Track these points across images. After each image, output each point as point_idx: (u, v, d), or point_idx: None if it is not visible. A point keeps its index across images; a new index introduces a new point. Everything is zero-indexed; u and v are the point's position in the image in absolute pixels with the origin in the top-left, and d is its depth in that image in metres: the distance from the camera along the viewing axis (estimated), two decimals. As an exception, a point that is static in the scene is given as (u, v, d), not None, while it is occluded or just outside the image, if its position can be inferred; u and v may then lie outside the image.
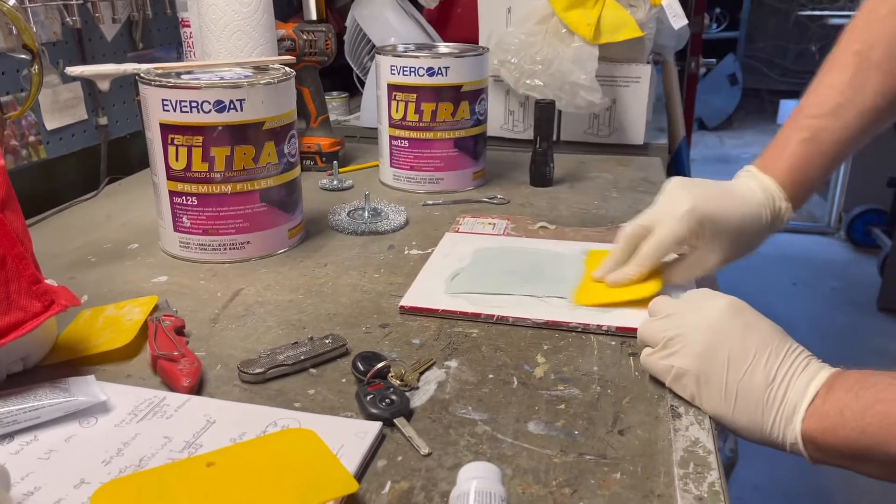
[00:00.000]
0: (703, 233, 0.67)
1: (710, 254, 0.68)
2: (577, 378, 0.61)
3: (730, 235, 0.68)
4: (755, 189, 0.70)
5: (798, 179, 0.70)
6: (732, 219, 0.68)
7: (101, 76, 0.83)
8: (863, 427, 0.47)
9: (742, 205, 0.69)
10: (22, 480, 0.48)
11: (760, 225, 0.69)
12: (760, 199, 0.69)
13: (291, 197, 0.88)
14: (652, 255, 0.69)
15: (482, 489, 0.43)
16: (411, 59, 1.05)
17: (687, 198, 0.67)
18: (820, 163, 0.70)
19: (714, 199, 0.68)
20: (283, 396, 0.58)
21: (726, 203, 0.68)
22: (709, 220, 0.66)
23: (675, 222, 0.67)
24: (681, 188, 0.69)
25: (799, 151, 0.70)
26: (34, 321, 0.56)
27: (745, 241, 0.69)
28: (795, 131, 0.70)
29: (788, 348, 0.53)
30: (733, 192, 0.70)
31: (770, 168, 0.71)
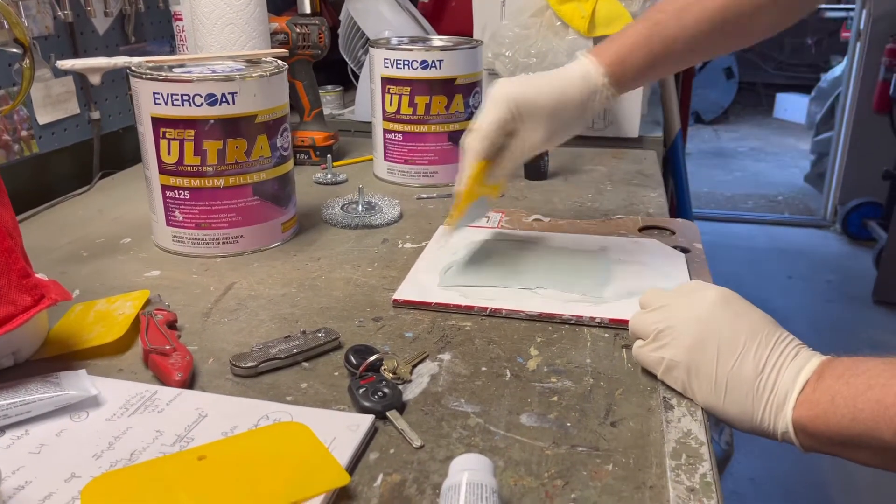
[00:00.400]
0: (519, 114, 0.71)
1: (531, 134, 0.72)
2: (570, 370, 0.61)
3: (545, 114, 0.71)
4: (572, 69, 0.73)
5: (620, 62, 0.73)
6: (544, 97, 0.71)
7: (92, 70, 0.83)
8: (854, 414, 0.47)
9: (555, 85, 0.72)
10: (13, 474, 0.48)
11: (575, 102, 0.72)
12: (574, 78, 0.73)
13: (284, 191, 0.87)
14: (476, 147, 0.72)
15: (474, 481, 0.43)
16: (405, 53, 1.04)
17: (500, 86, 0.72)
18: (646, 52, 0.72)
19: (526, 83, 0.72)
20: (275, 390, 0.58)
21: (540, 85, 0.72)
22: (522, 102, 0.71)
23: (491, 109, 0.71)
24: (499, 81, 0.73)
25: (631, 39, 0.73)
26: (24, 315, 0.56)
27: (562, 118, 0.73)
28: (640, 21, 0.74)
29: (778, 337, 0.53)
30: (549, 76, 0.74)
31: (598, 52, 0.74)
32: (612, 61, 0.73)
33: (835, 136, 3.61)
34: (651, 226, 0.92)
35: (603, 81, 0.73)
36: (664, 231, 0.90)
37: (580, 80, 0.73)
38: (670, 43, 0.72)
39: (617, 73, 0.73)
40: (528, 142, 0.72)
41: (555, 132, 0.73)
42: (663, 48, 0.72)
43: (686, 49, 0.73)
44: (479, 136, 0.72)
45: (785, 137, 5.48)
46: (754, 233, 3.65)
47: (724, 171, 4.71)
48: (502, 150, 0.73)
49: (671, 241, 0.86)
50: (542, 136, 0.72)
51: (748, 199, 4.17)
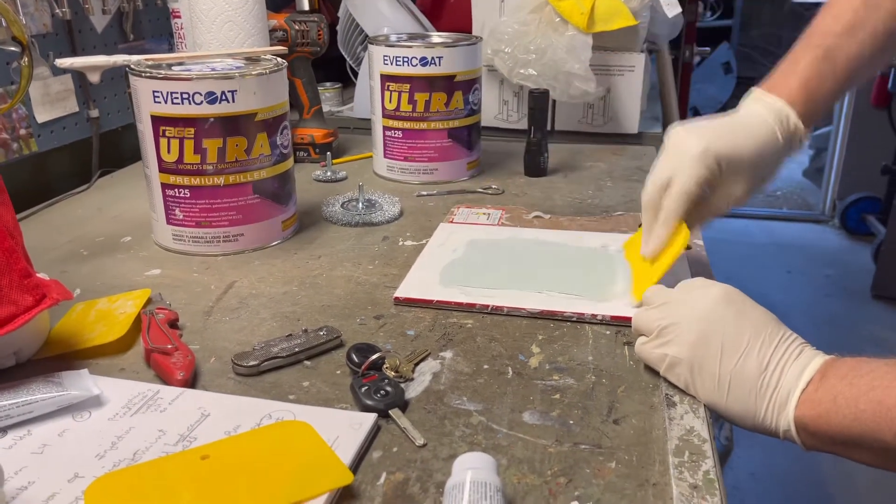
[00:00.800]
0: (721, 170, 0.65)
1: (733, 188, 0.67)
2: (572, 368, 0.61)
3: (748, 166, 0.66)
4: (763, 113, 0.68)
5: (810, 98, 0.67)
6: (747, 149, 0.66)
7: (91, 68, 0.82)
8: (856, 414, 0.47)
9: (754, 133, 0.67)
10: (15, 475, 0.48)
11: (776, 149, 0.67)
12: (771, 124, 0.67)
13: (285, 188, 0.87)
14: (677, 208, 0.66)
15: (477, 479, 0.43)
16: (404, 49, 1.04)
17: (697, 138, 0.65)
18: (833, 81, 0.67)
19: (725, 134, 0.66)
20: (277, 389, 0.58)
21: (738, 135, 0.66)
22: (724, 156, 0.65)
23: (692, 166, 0.64)
24: (687, 132, 0.66)
25: (811, 69, 0.67)
26: (26, 315, 0.56)
27: (763, 168, 0.68)
28: (808, 49, 0.68)
29: (782, 336, 0.53)
30: (742, 123, 0.68)
31: (779, 87, 0.68)
32: (803, 98, 0.67)
33: (833, 130, 3.60)
34: (651, 222, 0.91)
35: (799, 125, 0.67)
36: (665, 227, 0.90)
37: (776, 124, 0.67)
38: (854, 62, 0.67)
39: (809, 109, 0.68)
40: (730, 196, 0.67)
41: (756, 184, 0.68)
42: (846, 71, 0.67)
43: (868, 65, 0.68)
44: (681, 197, 0.65)
45: (783, 132, 5.47)
46: (752, 228, 3.66)
47: (723, 167, 4.70)
48: (695, 206, 0.67)
49: (672, 237, 0.86)
50: (745, 190, 0.67)
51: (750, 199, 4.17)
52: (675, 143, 0.67)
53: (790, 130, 0.68)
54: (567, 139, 1.31)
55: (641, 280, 0.70)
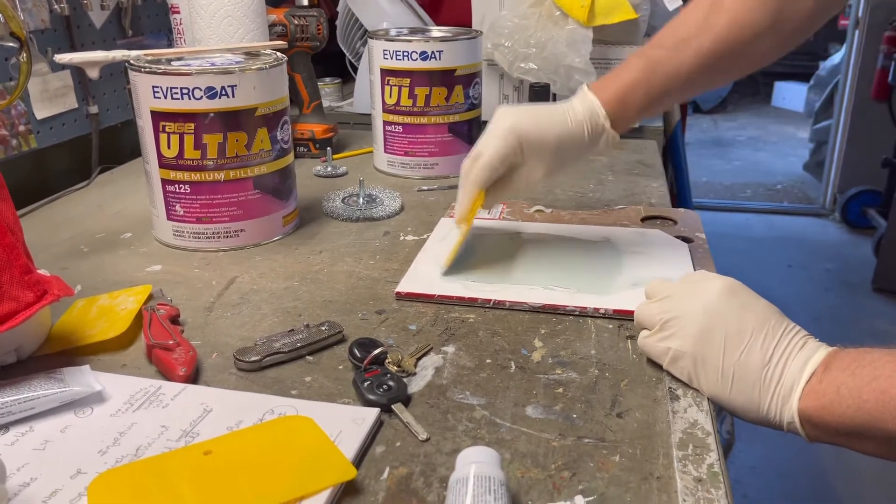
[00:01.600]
0: (522, 149, 0.70)
1: (533, 169, 0.72)
2: (575, 362, 0.61)
3: (549, 152, 0.71)
4: (577, 109, 0.72)
5: (622, 104, 0.72)
6: (550, 135, 0.71)
7: (90, 64, 0.82)
8: (859, 404, 0.47)
9: (561, 122, 0.72)
10: (18, 471, 0.48)
11: (580, 143, 0.72)
12: (581, 119, 0.72)
13: (285, 184, 0.87)
14: (478, 178, 0.71)
15: (481, 473, 0.43)
16: (404, 44, 1.04)
17: (508, 118, 0.71)
18: (646, 92, 0.71)
19: (533, 118, 0.71)
20: (279, 384, 0.58)
21: (544, 121, 0.71)
22: (527, 138, 0.70)
23: (497, 142, 0.70)
24: (504, 111, 0.72)
25: (631, 78, 0.72)
26: (27, 311, 0.56)
27: (565, 157, 0.73)
28: (637, 58, 0.73)
29: (785, 328, 0.53)
30: (555, 111, 0.73)
31: (601, 88, 0.73)
32: (614, 100, 0.72)
33: (833, 124, 3.60)
34: (653, 216, 0.91)
35: (607, 125, 0.72)
36: (666, 221, 0.90)
37: (586, 120, 0.72)
38: (671, 79, 0.71)
39: (618, 112, 0.72)
40: (529, 177, 0.72)
41: (555, 169, 0.73)
42: (662, 85, 0.71)
43: (686, 83, 0.72)
44: (482, 166, 0.71)
45: (783, 126, 5.48)
46: (753, 222, 3.66)
47: (723, 161, 4.71)
48: (500, 181, 0.73)
49: (674, 230, 0.86)
50: (543, 172, 0.72)
51: (747, 188, 4.17)
52: (494, 119, 0.72)
53: (598, 129, 0.72)
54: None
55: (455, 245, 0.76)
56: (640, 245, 0.81)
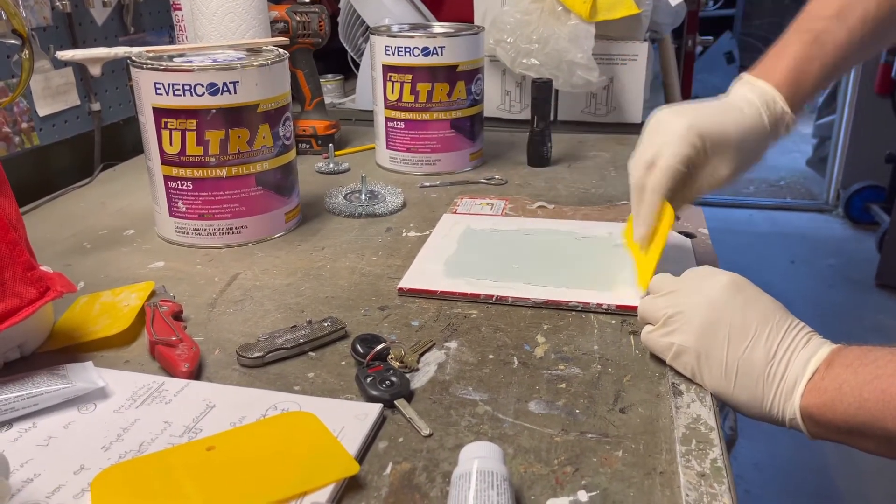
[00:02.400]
0: (705, 148, 0.64)
1: (718, 168, 0.66)
2: (578, 357, 0.61)
3: (733, 147, 0.65)
4: (749, 97, 0.67)
5: (798, 82, 0.67)
6: (731, 129, 0.65)
7: (92, 60, 0.82)
8: (860, 402, 0.47)
9: (739, 114, 0.66)
10: (21, 467, 0.48)
11: (762, 132, 0.67)
12: (757, 106, 0.67)
13: (287, 180, 0.87)
14: (661, 187, 0.65)
15: (484, 469, 0.43)
16: (406, 40, 1.04)
17: (681, 117, 0.65)
18: (821, 65, 0.67)
19: (709, 115, 0.66)
20: (282, 380, 0.58)
21: (723, 116, 0.66)
22: (709, 135, 0.64)
23: (677, 143, 0.63)
24: (671, 112, 0.66)
25: (799, 53, 0.67)
26: (30, 308, 0.56)
27: (749, 151, 0.67)
28: (797, 34, 0.68)
29: (789, 324, 0.53)
30: (728, 105, 0.68)
31: (768, 72, 0.68)
32: (789, 83, 0.67)
33: (837, 119, 3.59)
34: (656, 211, 0.91)
35: (786, 109, 0.67)
36: (669, 216, 0.90)
37: (762, 108, 0.67)
38: (842, 48, 0.67)
39: (796, 94, 0.67)
40: (715, 176, 0.66)
41: (741, 166, 0.67)
42: (835, 57, 0.67)
43: (855, 51, 0.68)
44: (663, 173, 0.64)
45: (786, 122, 5.45)
46: (756, 218, 3.65)
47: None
48: (680, 186, 0.66)
49: (676, 226, 0.86)
50: (729, 171, 0.66)
51: (750, 183, 4.16)
52: (660, 122, 0.66)
53: (777, 114, 0.67)
54: (570, 129, 1.30)
55: (642, 267, 0.69)
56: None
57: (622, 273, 0.73)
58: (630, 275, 0.72)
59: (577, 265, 0.75)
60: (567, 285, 0.71)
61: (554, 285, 0.71)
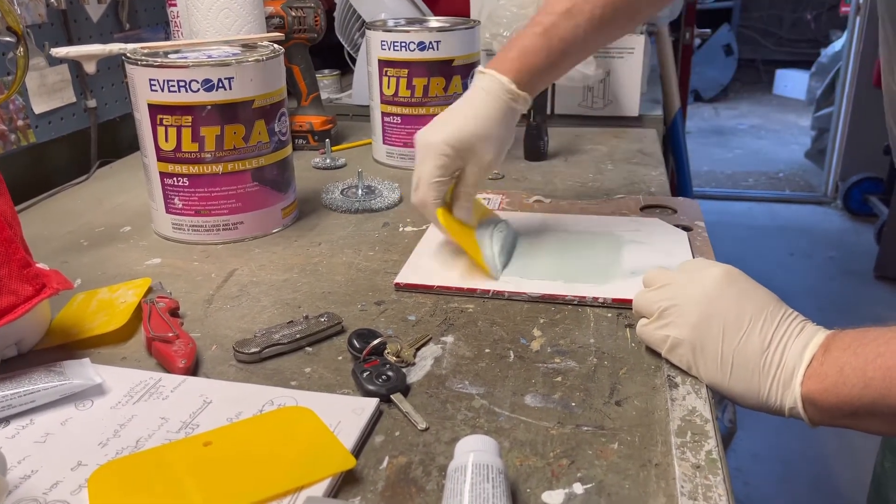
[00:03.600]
0: (455, 151, 0.71)
1: (481, 157, 0.73)
2: (574, 350, 0.61)
3: (482, 140, 0.72)
4: (486, 91, 0.74)
5: (524, 67, 0.74)
6: (472, 125, 0.72)
7: (86, 57, 0.82)
8: (865, 382, 0.47)
9: (480, 110, 0.73)
10: (19, 464, 0.48)
11: (503, 116, 0.73)
12: (493, 91, 0.73)
13: (284, 176, 0.87)
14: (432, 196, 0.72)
15: (480, 462, 0.43)
16: (402, 34, 1.03)
17: (430, 134, 0.72)
18: (546, 55, 0.74)
19: (449, 120, 0.73)
20: (279, 375, 0.58)
21: (460, 117, 0.73)
22: (455, 140, 0.71)
23: (430, 160, 0.71)
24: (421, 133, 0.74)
25: (528, 43, 0.74)
26: (26, 305, 0.56)
27: (498, 136, 0.74)
28: (530, 27, 0.75)
29: (783, 314, 0.53)
30: (465, 105, 0.74)
31: (498, 62, 0.75)
32: (518, 69, 0.74)
33: (835, 111, 3.59)
34: (653, 205, 0.91)
35: (514, 90, 0.73)
36: (666, 210, 0.90)
37: (499, 96, 0.73)
38: (568, 44, 0.74)
39: (524, 79, 0.74)
40: (483, 163, 0.73)
41: (500, 145, 0.74)
42: (560, 51, 0.74)
43: (582, 47, 0.76)
44: (426, 187, 0.72)
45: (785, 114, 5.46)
46: (755, 210, 3.65)
47: (725, 149, 4.70)
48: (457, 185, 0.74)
49: (673, 219, 0.86)
50: (493, 154, 0.73)
51: (748, 176, 4.16)
52: (417, 144, 0.74)
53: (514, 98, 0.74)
54: (567, 123, 1.30)
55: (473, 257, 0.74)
56: (638, 234, 0.81)
57: (618, 267, 0.73)
58: (628, 269, 0.72)
59: (572, 258, 0.76)
60: (563, 279, 0.71)
61: (550, 279, 0.71)
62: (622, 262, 0.74)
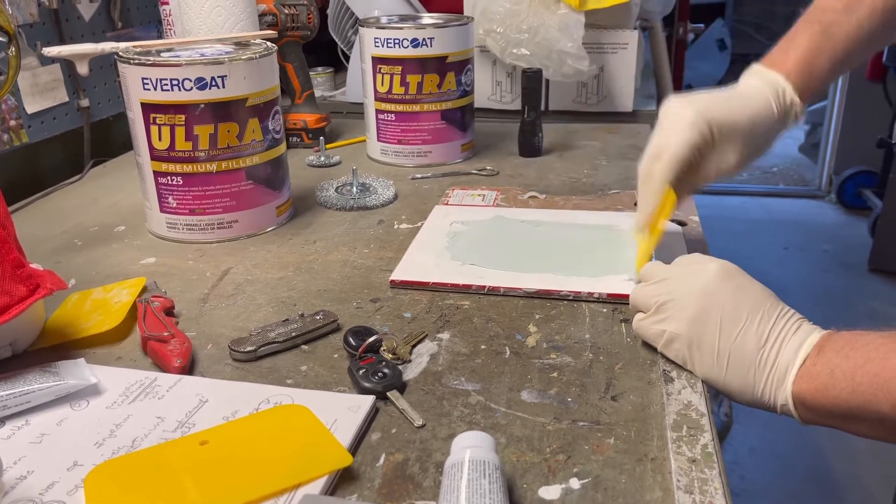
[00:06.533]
0: (713, 136, 0.65)
1: (726, 155, 0.66)
2: (570, 346, 0.61)
3: (741, 135, 0.66)
4: (759, 86, 0.68)
5: (807, 72, 0.68)
6: (741, 118, 0.66)
7: (78, 56, 0.82)
8: (853, 387, 0.47)
9: (748, 103, 0.67)
10: (14, 465, 0.48)
11: (771, 120, 0.67)
12: (766, 96, 0.67)
13: (278, 174, 0.87)
14: (665, 174, 0.65)
15: (476, 458, 0.43)
16: (395, 31, 1.03)
17: (689, 105, 0.65)
18: (830, 56, 0.68)
19: (718, 103, 0.66)
20: (275, 373, 0.58)
21: (732, 103, 0.67)
22: (717, 122, 0.65)
23: (684, 130, 0.64)
24: (679, 100, 0.67)
25: (809, 45, 0.68)
26: (20, 305, 0.56)
27: (757, 138, 0.67)
28: (807, 25, 0.69)
29: (780, 311, 0.53)
30: (737, 93, 0.68)
31: (777, 62, 0.69)
32: (800, 73, 0.68)
33: (828, 105, 3.59)
34: (647, 200, 0.91)
35: (795, 99, 0.68)
36: (660, 204, 0.90)
37: (772, 97, 0.67)
38: (851, 40, 0.68)
39: (805, 84, 0.68)
40: (723, 163, 0.66)
41: (749, 155, 0.67)
42: (844, 48, 0.68)
43: (864, 44, 0.68)
44: (669, 160, 0.64)
45: (779, 108, 5.46)
46: (750, 205, 3.66)
47: (719, 144, 4.69)
48: (686, 174, 0.66)
49: (667, 214, 0.86)
50: (738, 158, 0.66)
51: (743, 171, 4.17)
52: (668, 111, 0.67)
53: (786, 104, 0.68)
54: (561, 119, 1.30)
55: (640, 253, 0.70)
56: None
57: (613, 262, 0.73)
58: (620, 262, 0.73)
59: (567, 254, 0.76)
60: (559, 275, 0.71)
61: (545, 274, 0.71)
62: (617, 258, 0.74)
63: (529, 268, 0.73)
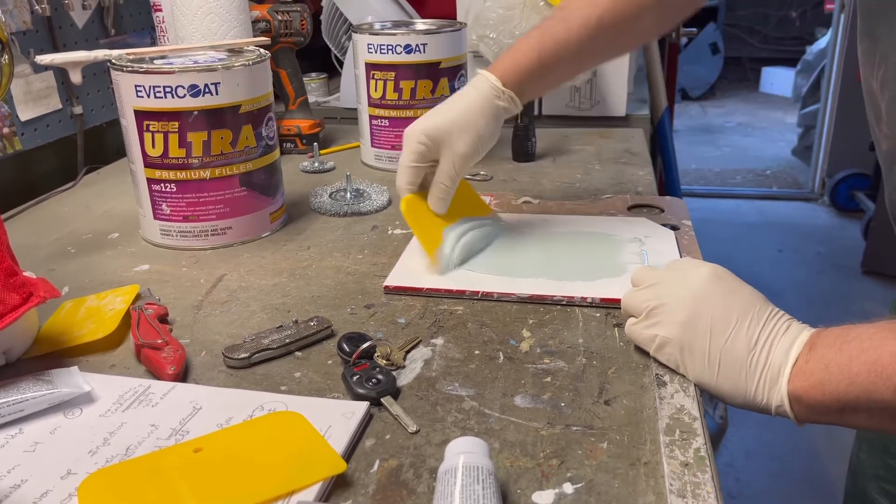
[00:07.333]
0: (432, 140, 0.74)
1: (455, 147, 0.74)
2: (563, 351, 0.61)
3: (456, 129, 0.74)
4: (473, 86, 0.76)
5: (513, 67, 0.76)
6: (453, 117, 0.74)
7: (71, 64, 0.82)
8: (851, 378, 0.47)
9: (459, 103, 0.75)
10: (8, 473, 0.48)
11: (483, 109, 0.75)
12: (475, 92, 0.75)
13: (272, 180, 0.87)
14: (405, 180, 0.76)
15: (470, 464, 0.43)
16: (388, 37, 1.04)
17: (412, 126, 0.75)
18: (538, 56, 0.75)
19: (433, 113, 0.76)
20: (269, 380, 0.58)
21: (444, 109, 0.76)
22: (430, 130, 0.74)
23: (406, 147, 0.75)
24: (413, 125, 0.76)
25: (521, 45, 0.76)
26: (13, 314, 0.56)
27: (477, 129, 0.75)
28: (535, 28, 0.77)
29: (770, 313, 0.54)
30: (452, 99, 0.77)
31: (494, 63, 0.77)
32: (506, 68, 0.76)
33: (821, 108, 3.61)
34: (640, 204, 0.92)
35: (498, 86, 0.75)
36: (653, 209, 0.90)
37: (482, 91, 0.75)
38: (560, 46, 0.75)
39: (512, 78, 0.75)
40: (456, 153, 0.74)
41: (474, 142, 0.74)
42: (552, 52, 0.75)
43: (575, 52, 0.76)
44: (403, 172, 0.75)
45: (772, 111, 5.49)
46: (743, 208, 3.67)
47: (712, 147, 4.72)
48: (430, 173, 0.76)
49: (660, 218, 0.86)
50: (467, 146, 0.74)
51: (736, 174, 4.18)
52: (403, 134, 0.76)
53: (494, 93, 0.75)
54: (554, 123, 1.30)
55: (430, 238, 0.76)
56: (626, 234, 0.81)
57: (606, 266, 0.74)
58: (614, 267, 0.73)
59: (560, 259, 0.76)
60: (552, 279, 0.71)
61: (538, 279, 0.71)
62: (610, 262, 0.75)
63: (523, 273, 0.73)
